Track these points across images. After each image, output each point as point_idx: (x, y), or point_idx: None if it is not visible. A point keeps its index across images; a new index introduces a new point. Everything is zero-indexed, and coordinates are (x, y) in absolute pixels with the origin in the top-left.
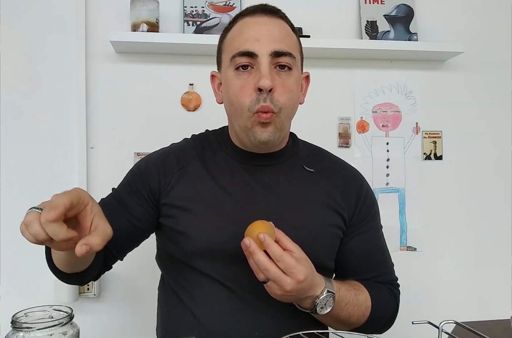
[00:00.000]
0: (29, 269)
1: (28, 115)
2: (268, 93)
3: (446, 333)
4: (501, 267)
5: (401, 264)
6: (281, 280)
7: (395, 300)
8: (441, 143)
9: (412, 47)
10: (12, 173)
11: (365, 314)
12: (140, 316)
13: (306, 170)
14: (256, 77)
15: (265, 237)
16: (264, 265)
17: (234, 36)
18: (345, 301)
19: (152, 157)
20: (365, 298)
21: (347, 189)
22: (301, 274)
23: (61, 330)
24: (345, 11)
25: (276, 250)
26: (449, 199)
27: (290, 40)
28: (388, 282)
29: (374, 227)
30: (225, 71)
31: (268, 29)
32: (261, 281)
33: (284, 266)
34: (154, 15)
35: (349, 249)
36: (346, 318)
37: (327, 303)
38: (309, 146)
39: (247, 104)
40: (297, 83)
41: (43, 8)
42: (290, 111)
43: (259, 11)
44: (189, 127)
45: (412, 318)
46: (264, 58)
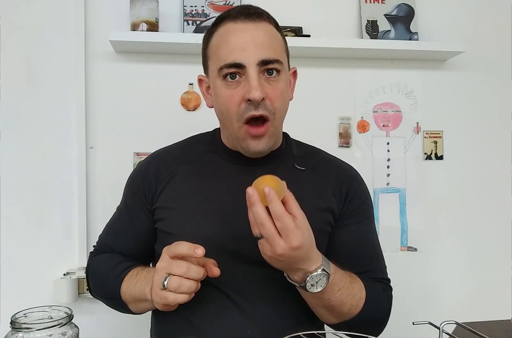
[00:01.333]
0: (29, 269)
1: (27, 115)
2: (260, 102)
3: (446, 333)
4: (502, 267)
5: (401, 264)
6: (274, 240)
7: (388, 301)
8: (442, 143)
9: (413, 47)
10: (11, 172)
11: (358, 305)
12: (139, 316)
13: (297, 168)
14: (245, 88)
15: (271, 192)
16: (261, 219)
17: (219, 44)
18: (339, 286)
19: (140, 171)
20: (360, 288)
21: (338, 183)
22: (296, 240)
23: (61, 331)
24: (346, 10)
25: (278, 208)
26: (450, 199)
27: (276, 44)
28: (380, 280)
29: (363, 221)
30: (213, 79)
31: (253, 36)
32: (254, 235)
33: (281, 226)
34: (154, 14)
35: (335, 241)
36: (338, 305)
37: (319, 282)
38: (302, 145)
39: (236, 114)
40: (286, 85)
41: (42, 8)
42: (284, 114)
43: (242, 16)
44: (189, 127)
45: (413, 318)
46: (252, 68)
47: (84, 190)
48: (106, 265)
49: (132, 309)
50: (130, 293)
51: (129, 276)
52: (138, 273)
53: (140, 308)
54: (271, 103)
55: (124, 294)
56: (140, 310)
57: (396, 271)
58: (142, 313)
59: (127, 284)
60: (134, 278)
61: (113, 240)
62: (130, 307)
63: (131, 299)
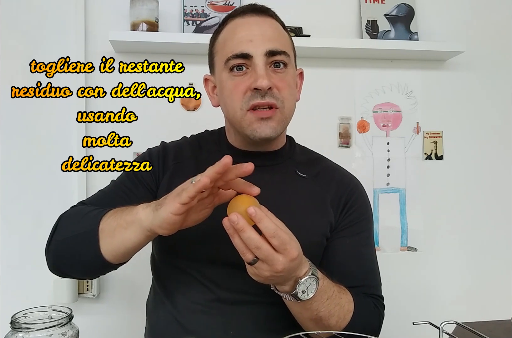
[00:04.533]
0: (29, 269)
1: (27, 115)
2: (267, 91)
3: (446, 333)
4: (502, 267)
5: (401, 264)
6: (273, 259)
7: (378, 318)
8: (442, 143)
9: (413, 47)
10: (11, 173)
11: (346, 318)
12: (139, 316)
13: (299, 175)
14: (252, 78)
15: (257, 211)
16: (256, 242)
17: (227, 38)
18: (328, 295)
19: (150, 151)
20: (348, 300)
21: (338, 194)
22: (295, 250)
23: (61, 331)
24: (346, 10)
25: (270, 225)
26: (450, 199)
27: (283, 38)
28: (372, 296)
29: (360, 233)
30: (219, 74)
31: (260, 29)
32: (247, 262)
33: (278, 243)
34: (154, 14)
35: (329, 252)
36: (326, 316)
37: (309, 287)
38: (306, 151)
39: (240, 102)
40: (293, 79)
41: (42, 8)
42: (292, 107)
43: (249, 11)
44: (189, 127)
45: (413, 318)
46: (259, 58)
47: (84, 190)
48: (89, 208)
49: (103, 246)
50: (114, 219)
51: (116, 209)
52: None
53: (117, 241)
54: (279, 92)
55: (103, 224)
56: (114, 245)
57: (396, 271)
58: (112, 253)
59: (112, 213)
60: (123, 208)
61: (102, 201)
62: (103, 243)
63: (110, 228)
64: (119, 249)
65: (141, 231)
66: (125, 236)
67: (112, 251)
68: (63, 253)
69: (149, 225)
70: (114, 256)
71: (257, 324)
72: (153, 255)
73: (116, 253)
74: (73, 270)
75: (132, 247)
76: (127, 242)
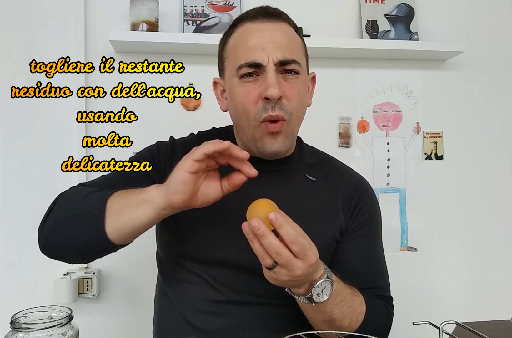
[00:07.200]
0: (29, 269)
1: (27, 115)
2: (277, 102)
3: (446, 333)
4: (502, 267)
5: (401, 264)
6: (292, 265)
7: (388, 319)
8: (442, 143)
9: (413, 47)
10: (11, 172)
11: (358, 320)
12: (139, 316)
13: (308, 178)
14: (263, 86)
15: (277, 216)
16: (276, 248)
17: (237, 44)
18: (341, 297)
19: (162, 144)
20: (360, 302)
21: (348, 195)
22: (314, 256)
23: (61, 331)
24: (346, 10)
25: (291, 231)
26: (450, 199)
27: (295, 44)
28: (382, 297)
29: (369, 235)
30: (229, 79)
31: (272, 36)
32: (266, 267)
33: (298, 249)
34: (154, 14)
35: (340, 255)
36: (339, 318)
37: (324, 290)
38: (315, 152)
39: (253, 113)
40: (304, 87)
41: (42, 8)
42: (301, 116)
43: (260, 16)
44: (189, 127)
45: (413, 318)
46: (271, 67)
47: None
48: (91, 188)
49: (108, 225)
50: (124, 198)
51: (125, 190)
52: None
53: (125, 219)
54: (288, 103)
55: (111, 202)
56: (122, 223)
57: (396, 271)
58: (117, 232)
59: (120, 193)
60: (133, 190)
61: (103, 186)
62: (109, 221)
63: (119, 206)
64: (126, 227)
65: (152, 208)
66: (134, 214)
67: (118, 230)
68: (61, 231)
69: (162, 198)
70: (119, 235)
71: (266, 325)
72: (160, 256)
73: (122, 232)
74: (69, 250)
75: (140, 226)
76: (135, 220)
